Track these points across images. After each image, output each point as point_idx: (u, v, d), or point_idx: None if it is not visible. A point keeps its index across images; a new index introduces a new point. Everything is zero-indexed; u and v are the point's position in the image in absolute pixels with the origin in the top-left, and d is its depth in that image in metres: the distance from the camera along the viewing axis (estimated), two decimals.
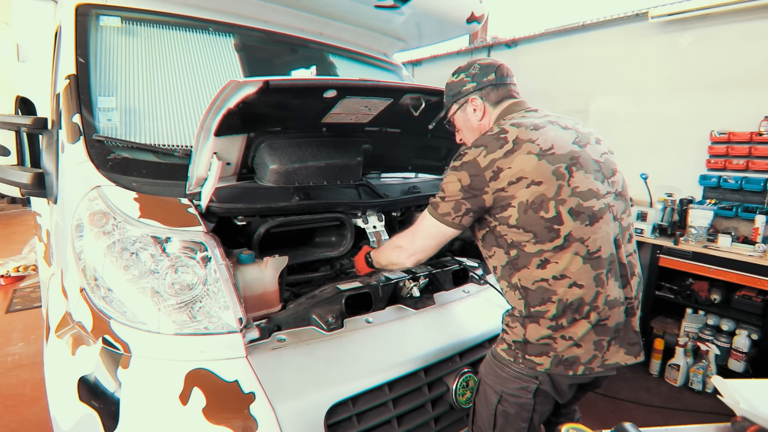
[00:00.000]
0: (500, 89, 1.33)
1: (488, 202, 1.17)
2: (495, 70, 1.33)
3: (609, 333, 1.16)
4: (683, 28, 3.41)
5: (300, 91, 1.25)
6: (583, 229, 1.13)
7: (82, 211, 1.26)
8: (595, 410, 2.66)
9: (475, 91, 1.33)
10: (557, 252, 1.13)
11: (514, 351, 1.21)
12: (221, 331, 1.17)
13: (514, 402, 1.21)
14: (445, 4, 2.33)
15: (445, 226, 1.23)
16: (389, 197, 1.82)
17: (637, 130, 3.76)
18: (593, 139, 1.26)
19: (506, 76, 1.34)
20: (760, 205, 3.05)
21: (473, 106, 1.35)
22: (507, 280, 1.23)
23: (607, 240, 1.17)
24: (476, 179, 1.16)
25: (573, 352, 1.15)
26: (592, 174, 1.18)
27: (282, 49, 2.30)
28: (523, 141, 1.14)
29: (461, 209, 1.19)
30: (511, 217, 1.15)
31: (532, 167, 1.12)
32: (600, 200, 1.16)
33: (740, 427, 0.87)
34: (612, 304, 1.16)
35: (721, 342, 3.01)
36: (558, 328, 1.15)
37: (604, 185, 1.20)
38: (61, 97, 1.53)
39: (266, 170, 1.42)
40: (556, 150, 1.15)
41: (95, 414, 1.09)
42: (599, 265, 1.14)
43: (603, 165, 1.23)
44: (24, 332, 3.47)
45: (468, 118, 1.37)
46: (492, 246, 1.24)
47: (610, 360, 1.17)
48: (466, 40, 5.22)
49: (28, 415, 2.43)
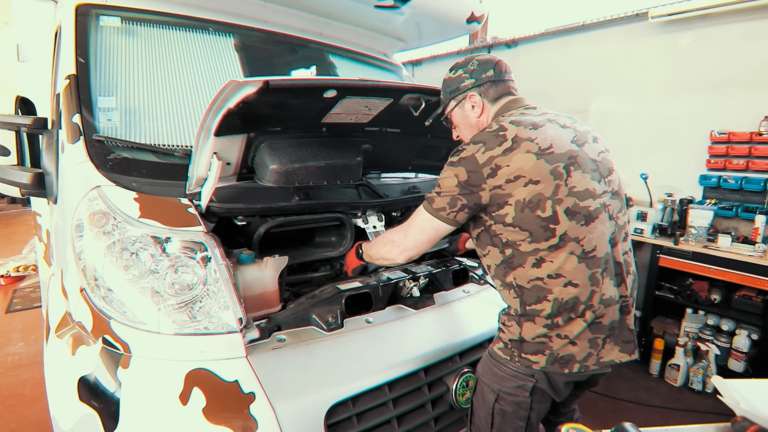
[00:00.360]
0: (499, 86, 1.32)
1: (485, 199, 1.16)
2: (494, 66, 1.32)
3: (604, 331, 1.17)
4: (683, 28, 3.41)
5: (300, 91, 1.25)
6: (579, 228, 1.14)
7: (82, 211, 1.26)
8: (595, 410, 2.66)
9: (474, 87, 1.32)
10: (552, 251, 1.13)
11: (510, 349, 1.21)
12: (221, 331, 1.17)
13: (511, 400, 1.21)
14: (445, 4, 2.33)
15: (439, 221, 1.22)
16: (389, 197, 1.83)
17: (637, 130, 3.76)
18: (591, 137, 1.26)
19: (505, 72, 1.33)
20: (760, 205, 3.05)
21: (471, 103, 1.33)
22: (501, 278, 1.23)
23: (603, 239, 1.17)
24: (474, 175, 1.15)
25: (568, 351, 1.15)
26: (589, 174, 1.18)
27: (282, 49, 2.30)
28: (522, 139, 1.14)
29: (457, 205, 1.18)
30: (508, 216, 1.15)
31: (531, 166, 1.12)
32: (596, 200, 1.17)
33: (740, 427, 0.87)
34: (607, 302, 1.16)
35: (721, 342, 3.01)
36: (553, 327, 1.15)
37: (601, 185, 1.21)
38: (61, 97, 1.53)
39: (266, 170, 1.42)
40: (554, 149, 1.15)
41: (95, 414, 1.09)
42: (594, 265, 1.15)
43: (600, 164, 1.23)
44: (24, 332, 3.47)
45: (466, 114, 1.36)
46: (487, 245, 1.25)
47: (605, 357, 1.18)
48: (466, 40, 5.23)
49: (28, 415, 2.43)
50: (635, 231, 3.29)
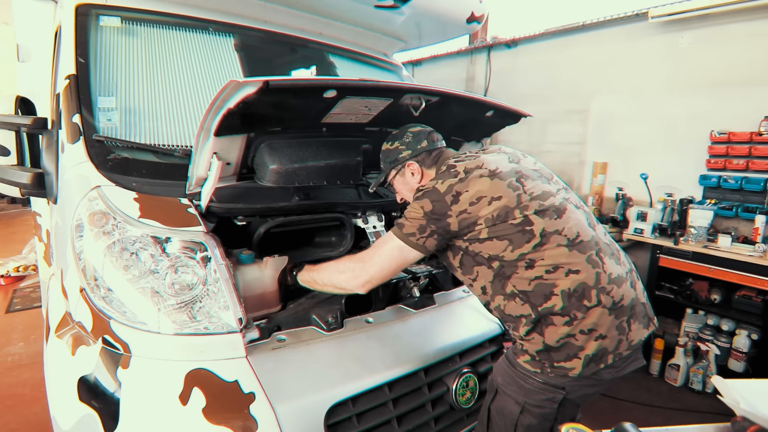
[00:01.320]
0: (433, 153, 1.42)
1: (453, 225, 1.21)
2: (426, 136, 1.43)
3: (627, 312, 1.17)
4: (683, 28, 3.41)
5: (300, 91, 1.25)
6: (554, 222, 1.19)
7: (82, 211, 1.26)
8: (595, 410, 2.66)
9: (411, 158, 1.42)
10: (539, 249, 1.16)
11: (540, 362, 1.18)
12: (221, 331, 1.17)
13: (539, 413, 1.19)
14: (445, 4, 2.33)
15: (409, 247, 1.24)
16: (389, 197, 1.82)
17: (637, 130, 3.76)
18: (520, 154, 1.40)
19: (437, 141, 1.45)
20: (760, 205, 3.05)
21: (411, 171, 1.43)
22: (501, 293, 1.21)
23: (582, 225, 1.23)
24: (438, 204, 1.21)
25: (600, 345, 1.13)
26: (538, 180, 1.29)
27: (282, 49, 2.30)
28: (472, 169, 1.25)
29: (426, 231, 1.22)
30: (481, 233, 1.19)
31: (488, 186, 1.21)
32: (557, 196, 1.27)
33: (740, 427, 0.87)
34: (617, 281, 1.17)
35: (721, 342, 3.01)
36: (574, 321, 1.12)
37: (551, 185, 1.31)
38: (61, 97, 1.53)
39: (266, 170, 1.42)
40: (500, 169, 1.26)
41: (95, 414, 1.09)
42: (586, 248, 1.18)
43: (540, 171, 1.35)
44: (24, 332, 3.47)
45: (407, 181, 1.46)
46: (472, 266, 1.25)
47: (635, 339, 1.18)
48: (466, 40, 5.23)
49: (28, 415, 2.43)
50: (635, 231, 3.29)
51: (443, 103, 1.52)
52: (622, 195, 3.70)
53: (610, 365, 1.15)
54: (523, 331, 1.19)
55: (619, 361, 1.17)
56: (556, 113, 4.34)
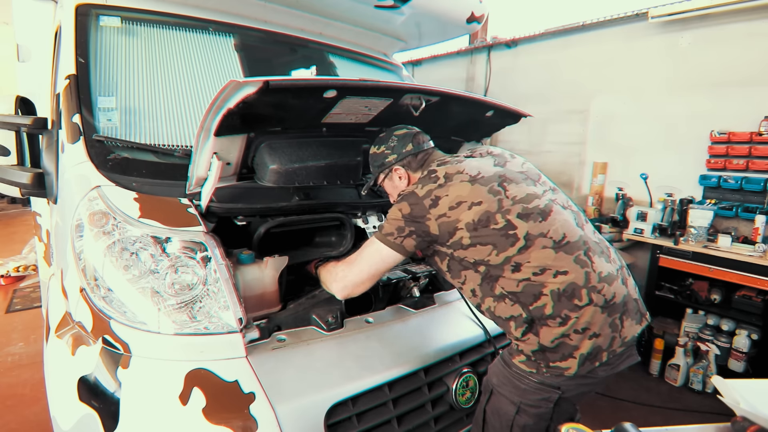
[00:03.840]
0: (419, 156, 1.42)
1: (433, 228, 1.21)
2: (411, 140, 1.42)
3: (619, 309, 1.17)
4: (683, 28, 3.42)
5: (300, 91, 1.25)
6: (539, 225, 1.18)
7: (82, 211, 1.26)
8: (595, 410, 2.66)
9: (397, 162, 1.42)
10: (524, 252, 1.15)
11: (536, 362, 1.18)
12: (221, 331, 1.17)
13: (534, 413, 1.19)
14: (445, 4, 2.33)
15: (388, 248, 1.25)
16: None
17: (637, 130, 3.76)
18: (508, 155, 1.40)
19: (423, 143, 1.44)
20: (760, 205, 3.05)
21: (398, 175, 1.44)
22: (491, 294, 1.21)
23: (569, 225, 1.22)
24: (416, 207, 1.23)
25: (594, 343, 1.13)
26: (523, 183, 1.28)
27: (282, 49, 2.30)
28: (453, 174, 1.25)
29: (405, 231, 1.24)
30: (463, 239, 1.19)
31: (468, 191, 1.21)
32: (542, 198, 1.25)
33: (740, 427, 0.87)
34: (608, 279, 1.17)
35: (721, 342, 3.01)
36: (567, 322, 1.12)
37: (538, 187, 1.30)
38: (61, 97, 1.53)
39: (266, 170, 1.42)
40: (483, 174, 1.25)
41: (95, 414, 1.09)
42: (574, 248, 1.17)
43: (527, 173, 1.34)
44: (24, 332, 3.47)
45: (396, 184, 1.46)
46: (460, 271, 1.26)
47: (627, 336, 1.18)
48: (466, 40, 5.23)
49: (28, 415, 2.43)
50: (635, 231, 3.29)
51: (443, 103, 1.52)
52: (622, 195, 3.70)
53: (604, 363, 1.15)
54: (519, 332, 1.19)
55: (613, 358, 1.17)
56: (556, 113, 4.34)
